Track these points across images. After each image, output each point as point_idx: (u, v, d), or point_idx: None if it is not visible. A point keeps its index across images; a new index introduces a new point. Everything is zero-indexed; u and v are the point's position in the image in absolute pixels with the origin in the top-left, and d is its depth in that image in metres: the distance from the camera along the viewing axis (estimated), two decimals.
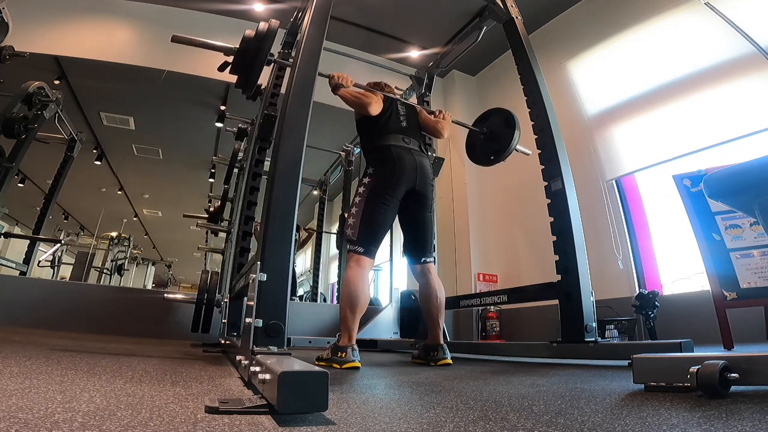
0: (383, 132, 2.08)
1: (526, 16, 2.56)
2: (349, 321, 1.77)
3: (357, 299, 1.79)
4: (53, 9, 3.92)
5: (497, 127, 2.52)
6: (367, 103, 2.01)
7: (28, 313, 2.86)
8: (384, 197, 1.94)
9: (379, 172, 2.00)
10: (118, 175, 6.99)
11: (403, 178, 1.97)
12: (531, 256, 4.13)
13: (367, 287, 1.86)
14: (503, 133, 2.46)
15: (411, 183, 1.99)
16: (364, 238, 1.89)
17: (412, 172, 2.00)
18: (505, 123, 2.48)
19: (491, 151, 2.53)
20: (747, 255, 2.25)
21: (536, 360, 2.08)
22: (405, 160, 2.00)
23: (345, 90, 2.04)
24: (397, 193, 1.97)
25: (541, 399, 0.93)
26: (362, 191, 1.98)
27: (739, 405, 0.78)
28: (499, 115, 2.54)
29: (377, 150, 2.05)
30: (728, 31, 2.87)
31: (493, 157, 2.51)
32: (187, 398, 0.82)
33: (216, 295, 2.51)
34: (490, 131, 2.56)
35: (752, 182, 0.98)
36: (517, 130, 2.39)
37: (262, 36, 1.63)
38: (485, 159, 2.58)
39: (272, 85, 2.94)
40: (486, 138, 2.57)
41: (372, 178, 1.99)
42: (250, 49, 1.63)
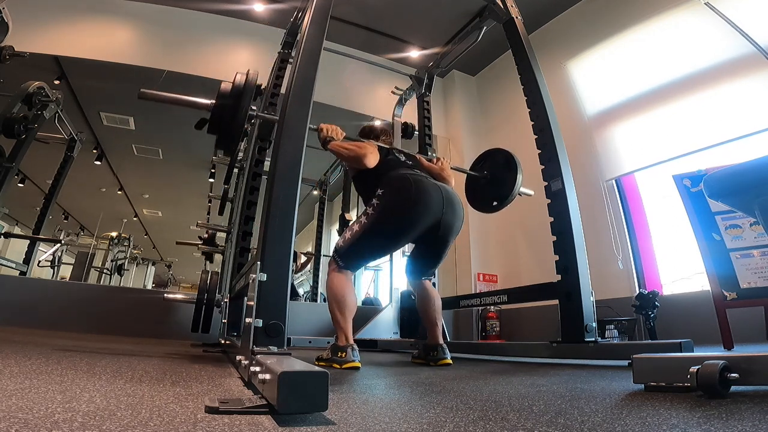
0: (388, 170, 1.84)
1: (526, 16, 2.56)
2: (341, 322, 1.73)
3: (344, 301, 1.74)
4: (53, 9, 3.92)
5: (498, 171, 2.38)
6: (362, 154, 1.80)
7: (28, 313, 2.86)
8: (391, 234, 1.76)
9: (390, 198, 1.72)
10: (118, 175, 6.99)
11: (425, 208, 1.72)
12: (531, 256, 4.13)
13: (352, 289, 1.82)
14: (505, 176, 2.32)
15: (435, 215, 1.74)
16: (350, 260, 1.80)
17: (437, 202, 1.74)
18: (506, 165, 2.33)
19: (493, 196, 2.39)
20: (747, 255, 2.25)
21: (536, 360, 2.08)
22: (425, 186, 1.75)
23: (336, 144, 1.84)
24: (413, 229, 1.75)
25: (541, 399, 0.93)
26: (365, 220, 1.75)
27: (739, 405, 0.78)
28: (499, 156, 2.41)
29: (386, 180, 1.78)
30: (728, 31, 2.87)
31: (496, 203, 2.37)
32: (187, 398, 0.82)
33: (216, 295, 2.51)
34: (490, 175, 2.42)
35: (752, 182, 0.98)
36: (519, 173, 2.26)
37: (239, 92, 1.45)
38: (487, 205, 2.45)
39: (272, 85, 2.94)
40: (486, 183, 2.43)
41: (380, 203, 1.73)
42: (227, 106, 1.45)
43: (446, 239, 1.86)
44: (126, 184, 7.44)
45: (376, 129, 2.21)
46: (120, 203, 8.01)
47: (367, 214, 1.77)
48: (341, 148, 1.84)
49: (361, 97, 4.82)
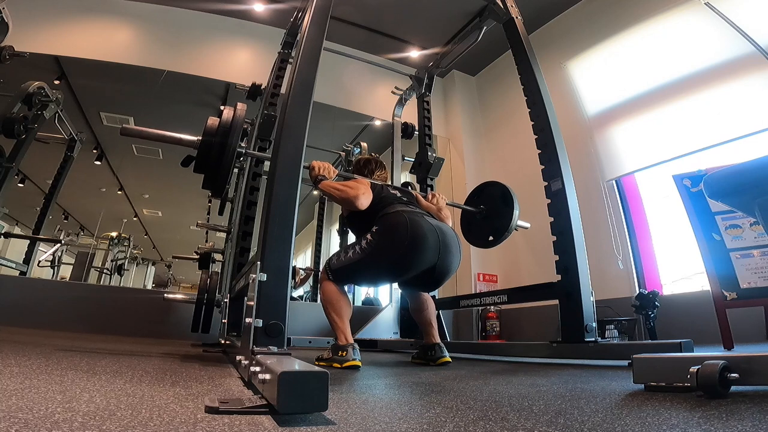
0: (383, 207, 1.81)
1: (526, 16, 2.56)
2: (338, 323, 1.73)
3: (338, 304, 1.74)
4: (53, 9, 3.92)
5: (494, 205, 2.36)
6: (353, 196, 1.74)
7: (28, 313, 2.86)
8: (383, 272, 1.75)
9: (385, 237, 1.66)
10: (118, 175, 6.98)
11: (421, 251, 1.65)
12: (531, 256, 4.12)
13: (345, 295, 1.82)
14: (501, 211, 2.30)
15: (430, 259, 1.69)
16: (340, 279, 1.79)
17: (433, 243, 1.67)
18: (502, 200, 2.31)
19: (489, 230, 2.37)
20: (747, 255, 2.25)
21: (536, 360, 2.08)
22: (421, 225, 1.68)
23: (327, 184, 1.76)
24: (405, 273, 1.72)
25: (541, 399, 0.93)
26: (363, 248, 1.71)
27: (739, 405, 0.78)
28: (494, 190, 2.39)
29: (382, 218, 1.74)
30: (728, 31, 2.87)
31: (492, 238, 2.34)
32: (187, 398, 0.82)
33: (216, 295, 2.51)
34: (486, 210, 2.40)
35: (752, 182, 0.98)
36: (516, 209, 2.23)
37: (226, 129, 1.38)
38: (483, 240, 2.42)
39: (272, 85, 2.94)
40: (483, 217, 2.42)
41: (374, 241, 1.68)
42: (214, 143, 1.37)
43: (441, 280, 1.83)
44: (126, 184, 7.44)
45: (371, 163, 2.15)
46: (120, 203, 8.01)
47: (361, 246, 1.73)
48: (333, 189, 1.77)
49: (361, 97, 4.81)
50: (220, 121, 1.38)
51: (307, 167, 1.75)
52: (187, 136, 1.41)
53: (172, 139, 1.42)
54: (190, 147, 1.39)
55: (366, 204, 1.78)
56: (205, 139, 1.38)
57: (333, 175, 1.81)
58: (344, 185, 1.81)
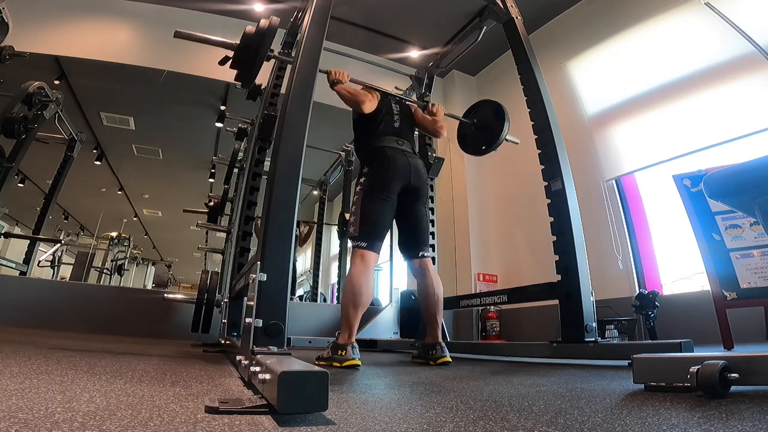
0: (377, 134, 2.12)
1: (526, 16, 2.56)
2: (351, 317, 1.77)
3: (360, 295, 1.80)
4: (53, 9, 3.92)
5: (487, 119, 2.58)
6: (361, 100, 2.06)
7: (28, 313, 2.86)
8: (381, 193, 1.99)
9: (374, 171, 2.06)
10: (118, 175, 6.99)
11: (397, 175, 2.03)
12: (531, 256, 4.12)
13: (371, 283, 1.89)
14: (493, 124, 2.52)
15: (405, 180, 2.05)
16: (366, 233, 1.92)
17: (405, 171, 2.06)
18: (494, 114, 2.54)
19: (483, 141, 2.60)
20: (747, 255, 2.25)
21: (536, 360, 2.08)
22: (398, 161, 2.06)
23: (341, 86, 2.08)
24: (393, 188, 2.02)
25: (541, 399, 0.93)
26: (360, 190, 2.03)
27: (739, 405, 0.78)
28: (489, 106, 2.61)
29: (372, 152, 2.10)
30: (728, 31, 2.87)
31: (485, 147, 2.58)
32: (187, 398, 0.82)
33: (216, 295, 2.51)
34: (480, 123, 2.63)
35: (752, 182, 0.98)
36: (506, 122, 2.46)
37: (263, 32, 1.65)
38: (477, 149, 2.67)
39: (272, 85, 2.94)
40: (477, 129, 2.65)
41: (367, 177, 2.05)
42: (251, 44, 1.66)
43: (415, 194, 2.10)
44: (126, 184, 7.44)
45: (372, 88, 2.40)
46: (120, 203, 8.01)
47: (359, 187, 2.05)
48: (346, 92, 2.07)
49: None
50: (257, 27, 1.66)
51: (325, 72, 2.05)
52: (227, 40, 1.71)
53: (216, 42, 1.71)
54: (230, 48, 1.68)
55: (371, 108, 2.09)
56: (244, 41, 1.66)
57: (347, 80, 2.11)
58: (355, 90, 2.13)
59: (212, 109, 5.13)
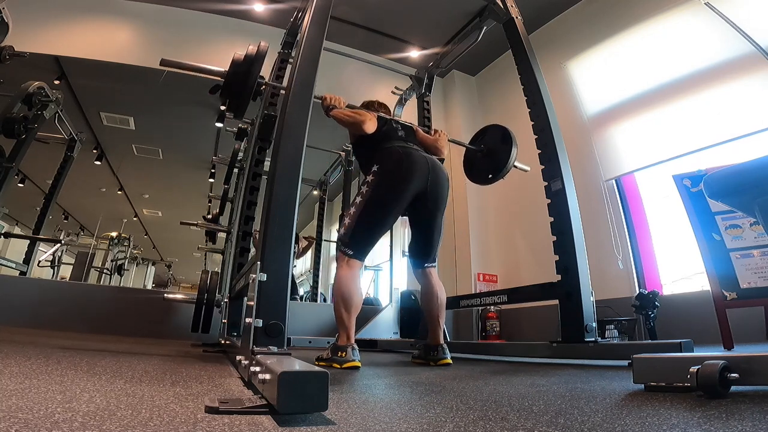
0: (383, 141, 1.99)
1: (526, 16, 2.56)
2: (345, 320, 1.74)
3: (350, 298, 1.76)
4: (53, 9, 3.92)
5: (494, 144, 2.47)
6: (361, 120, 1.94)
7: (28, 313, 2.86)
8: (388, 200, 1.85)
9: (384, 169, 1.88)
10: (118, 175, 6.99)
11: (413, 176, 1.86)
12: (531, 256, 4.12)
13: (359, 286, 1.84)
14: (500, 150, 2.40)
15: (422, 182, 1.89)
16: (355, 242, 1.84)
17: (423, 170, 1.89)
18: (502, 139, 2.42)
19: (489, 169, 2.48)
20: (747, 255, 2.25)
21: (536, 360, 2.08)
22: (414, 157, 1.90)
23: (338, 111, 1.99)
24: (405, 194, 1.86)
25: (541, 399, 0.93)
26: (365, 191, 1.88)
27: (739, 405, 0.78)
28: (496, 131, 2.50)
29: (380, 152, 1.94)
30: (728, 31, 2.87)
31: (491, 176, 2.46)
32: (187, 398, 0.82)
33: (216, 295, 2.51)
34: (487, 149, 2.51)
35: (752, 182, 0.98)
36: (514, 147, 2.34)
37: (251, 59, 1.59)
38: (483, 178, 2.53)
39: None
40: (483, 155, 2.52)
41: (376, 176, 1.88)
42: (240, 72, 1.59)
43: (435, 206, 1.96)
44: (126, 184, 7.44)
45: (375, 103, 2.31)
46: (120, 203, 8.01)
47: (361, 193, 1.88)
48: (343, 115, 1.97)
49: (361, 97, 4.76)
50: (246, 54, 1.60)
51: (319, 98, 1.92)
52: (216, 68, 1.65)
53: (203, 70, 1.65)
54: (219, 77, 1.62)
55: (372, 129, 1.96)
56: (232, 68, 1.60)
57: (343, 105, 2.02)
58: (353, 111, 2.03)
59: (212, 109, 5.12)
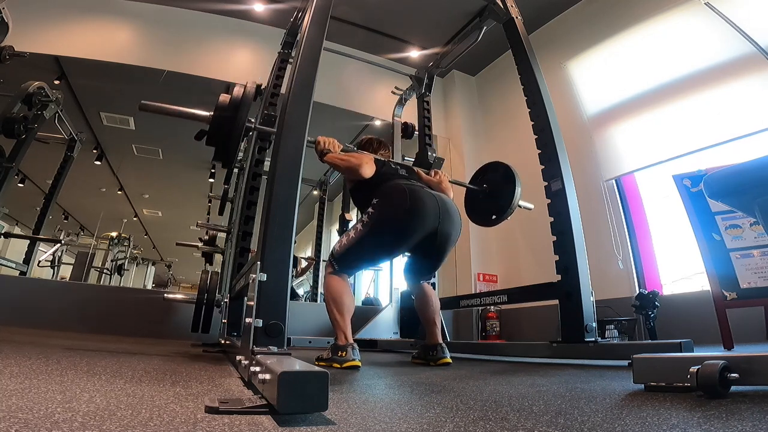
0: (383, 182, 1.85)
1: (526, 16, 2.56)
2: (339, 322, 1.73)
3: (341, 299, 1.75)
4: (53, 9, 3.92)
5: (497, 184, 2.38)
6: (357, 164, 1.82)
7: (28, 313, 2.86)
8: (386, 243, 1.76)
9: (386, 208, 1.73)
10: (118, 175, 6.99)
11: (421, 218, 1.71)
12: (531, 256, 4.12)
13: (349, 289, 1.83)
14: (504, 190, 2.32)
15: (431, 224, 1.74)
16: (345, 265, 1.81)
17: (432, 210, 1.73)
18: (504, 179, 2.33)
19: (492, 209, 2.39)
20: (747, 255, 2.25)
21: (536, 360, 2.07)
22: (421, 195, 1.74)
23: (332, 156, 1.86)
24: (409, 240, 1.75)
25: (541, 399, 0.93)
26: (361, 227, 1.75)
27: (739, 405, 0.78)
28: (497, 170, 2.41)
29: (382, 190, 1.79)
30: (728, 31, 2.87)
31: (495, 217, 2.37)
32: (187, 398, 0.82)
33: (216, 295, 2.51)
34: (489, 189, 2.42)
35: (752, 182, 0.98)
36: (518, 187, 2.26)
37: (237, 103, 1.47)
38: (486, 219, 2.44)
39: (272, 85, 2.94)
40: (486, 196, 2.44)
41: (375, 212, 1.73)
42: (225, 117, 1.47)
43: (444, 249, 1.86)
44: (126, 184, 7.44)
45: (374, 142, 2.21)
46: (120, 203, 8.01)
47: (363, 221, 1.78)
48: (338, 160, 1.87)
49: (361, 97, 4.81)
50: (231, 97, 1.47)
51: (312, 141, 1.82)
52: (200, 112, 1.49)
53: (186, 115, 1.49)
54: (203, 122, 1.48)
55: (369, 173, 1.84)
56: (216, 114, 1.46)
57: (338, 149, 1.89)
58: (349, 155, 1.92)
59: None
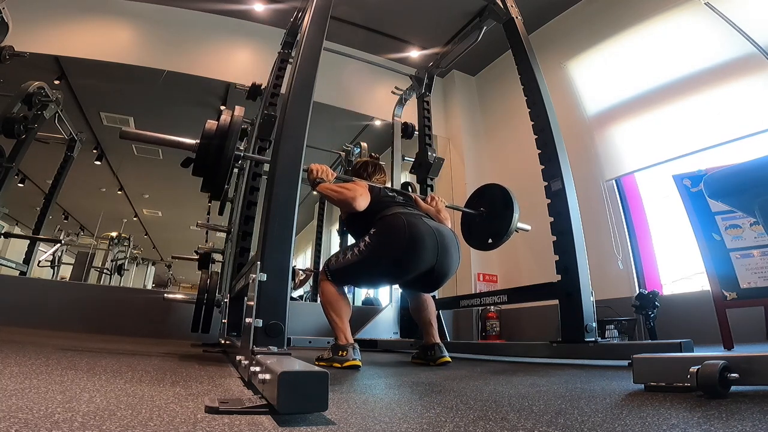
0: (380, 211, 1.79)
1: (526, 16, 2.56)
2: (338, 323, 1.73)
3: (338, 303, 1.75)
4: (53, 9, 3.92)
5: (494, 208, 2.33)
6: (351, 197, 1.74)
7: (28, 313, 2.86)
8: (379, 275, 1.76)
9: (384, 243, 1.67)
10: (118, 175, 6.99)
11: (417, 254, 1.65)
12: (531, 256, 4.12)
13: (345, 295, 1.82)
14: (501, 214, 2.26)
15: (428, 261, 1.69)
16: (340, 281, 1.80)
17: (429, 245, 1.67)
18: (502, 203, 2.28)
19: (489, 233, 2.33)
20: (747, 255, 2.25)
21: (536, 360, 2.08)
22: (420, 228, 1.68)
23: (326, 186, 1.77)
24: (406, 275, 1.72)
25: (541, 399, 0.93)
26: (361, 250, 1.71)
27: (739, 405, 0.78)
28: (494, 193, 2.37)
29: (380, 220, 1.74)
30: (728, 31, 2.87)
31: (491, 241, 2.30)
32: (187, 398, 0.82)
33: (216, 295, 2.51)
34: (486, 213, 2.37)
35: (752, 182, 0.98)
36: (515, 212, 2.19)
37: (225, 131, 1.38)
38: (483, 243, 2.38)
39: (272, 85, 2.94)
40: (482, 219, 2.39)
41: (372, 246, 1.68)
42: (212, 146, 1.37)
43: (440, 281, 1.83)
44: (126, 184, 7.44)
45: (369, 166, 2.15)
46: (120, 203, 8.01)
47: (359, 248, 1.73)
48: (331, 191, 1.78)
49: (361, 97, 4.82)
50: (218, 124, 1.38)
51: (305, 170, 1.74)
52: (185, 140, 1.39)
53: (170, 143, 1.40)
54: (189, 150, 1.38)
55: (364, 205, 1.77)
56: (203, 142, 1.37)
57: (331, 178, 1.80)
58: (342, 187, 1.81)
59: (212, 109, 5.12)
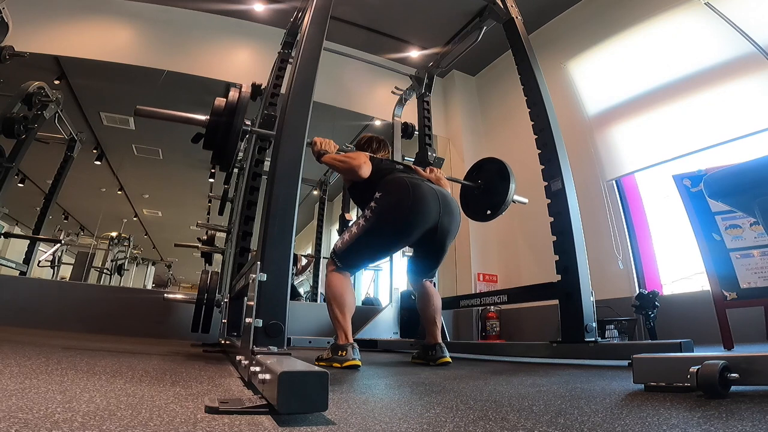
0: (384, 175, 1.86)
1: (526, 16, 2.56)
2: (340, 320, 1.73)
3: (343, 300, 1.75)
4: (53, 9, 3.92)
5: (491, 180, 2.41)
6: (357, 165, 1.83)
7: (28, 313, 2.86)
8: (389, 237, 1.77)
9: (389, 201, 1.74)
10: (118, 175, 6.99)
11: (422, 213, 1.74)
12: (531, 256, 4.13)
13: (350, 287, 1.83)
14: (498, 186, 2.35)
15: (432, 219, 1.77)
16: (347, 262, 1.82)
17: (433, 204, 1.76)
18: (499, 175, 2.36)
19: (487, 205, 2.42)
20: (747, 255, 2.25)
21: (536, 360, 2.08)
22: (422, 189, 1.77)
23: (330, 156, 1.88)
24: (411, 235, 1.77)
25: (541, 399, 0.93)
26: (363, 222, 1.77)
27: (739, 405, 0.78)
28: (492, 166, 2.44)
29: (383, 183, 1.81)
30: (728, 31, 2.87)
31: (490, 212, 2.39)
32: (187, 398, 0.82)
33: (216, 295, 2.51)
34: (484, 185, 2.45)
35: (752, 182, 0.98)
36: (512, 183, 2.28)
37: (233, 108, 1.48)
38: (482, 214, 2.46)
39: (272, 85, 2.94)
40: (481, 192, 2.47)
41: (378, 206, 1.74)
42: (221, 122, 1.48)
43: (444, 242, 1.89)
44: (126, 184, 7.44)
45: (374, 142, 2.20)
46: (120, 203, 8.01)
47: (365, 217, 1.78)
48: (335, 161, 1.88)
49: (361, 97, 4.82)
50: (226, 101, 1.47)
51: (309, 144, 1.84)
52: (196, 116, 1.50)
53: (182, 119, 1.50)
54: (199, 126, 1.49)
55: (367, 173, 1.85)
56: (212, 118, 1.47)
57: (334, 150, 1.91)
58: (346, 156, 1.92)
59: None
